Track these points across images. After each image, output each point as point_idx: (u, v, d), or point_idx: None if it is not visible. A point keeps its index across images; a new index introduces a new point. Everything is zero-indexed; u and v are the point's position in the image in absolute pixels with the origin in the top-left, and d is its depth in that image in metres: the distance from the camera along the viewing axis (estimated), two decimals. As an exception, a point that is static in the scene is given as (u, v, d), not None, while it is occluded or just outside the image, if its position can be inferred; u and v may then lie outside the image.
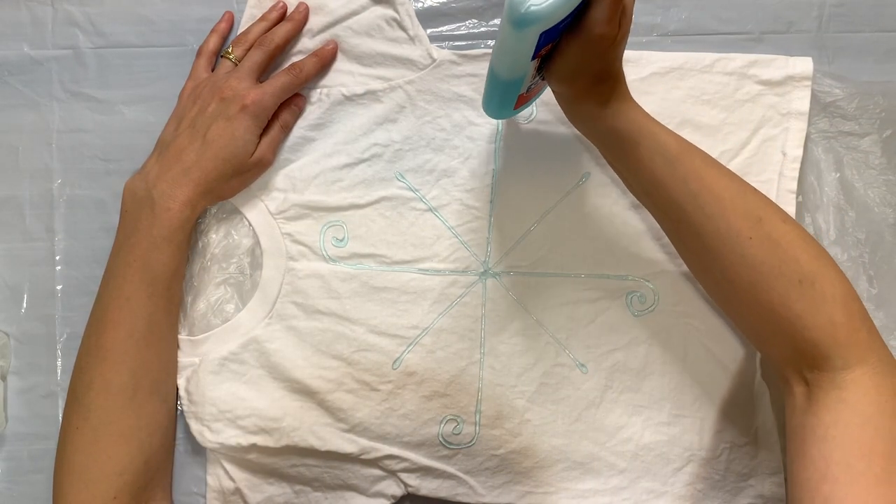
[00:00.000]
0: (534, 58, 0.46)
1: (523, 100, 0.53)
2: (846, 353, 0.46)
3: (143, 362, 0.56)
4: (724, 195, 0.49)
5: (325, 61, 0.62)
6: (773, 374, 0.62)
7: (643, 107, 0.61)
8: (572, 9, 0.42)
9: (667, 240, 0.61)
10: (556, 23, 0.42)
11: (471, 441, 0.61)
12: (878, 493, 0.42)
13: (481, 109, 0.55)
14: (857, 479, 0.43)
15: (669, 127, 0.61)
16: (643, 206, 0.56)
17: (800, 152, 0.62)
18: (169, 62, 0.64)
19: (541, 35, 0.43)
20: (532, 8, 0.40)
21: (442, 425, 0.61)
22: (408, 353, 0.62)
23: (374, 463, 0.61)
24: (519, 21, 0.41)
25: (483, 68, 0.62)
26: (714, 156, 0.61)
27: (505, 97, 0.51)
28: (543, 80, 0.53)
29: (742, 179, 0.51)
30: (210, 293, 0.62)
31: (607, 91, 0.49)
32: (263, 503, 0.61)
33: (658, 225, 0.55)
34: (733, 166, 0.62)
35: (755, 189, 0.51)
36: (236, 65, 0.60)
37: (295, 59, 0.62)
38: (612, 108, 0.50)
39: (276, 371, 0.61)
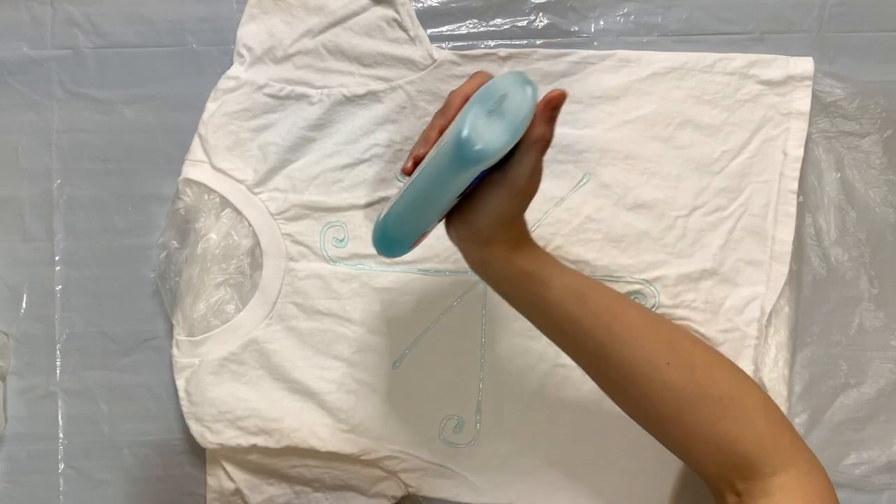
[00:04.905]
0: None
1: (419, 241, 0.49)
2: (773, 459, 0.47)
3: None
4: (636, 324, 0.49)
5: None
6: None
7: (645, 106, 0.62)
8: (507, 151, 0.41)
9: (668, 240, 0.62)
10: (492, 165, 0.42)
11: (471, 441, 0.61)
12: None
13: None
14: None
15: (671, 127, 0.62)
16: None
17: (801, 152, 0.61)
18: (169, 62, 0.64)
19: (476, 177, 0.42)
20: (482, 147, 0.40)
21: (442, 425, 0.61)
22: (408, 353, 0.62)
23: (374, 463, 0.61)
24: (470, 158, 0.40)
25: (483, 68, 0.62)
26: (715, 156, 0.62)
27: (416, 236, 0.48)
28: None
29: (648, 309, 0.52)
30: (210, 294, 0.62)
31: (517, 233, 0.48)
32: (264, 503, 0.61)
33: (658, 226, 0.54)
34: (734, 166, 0.62)
35: (661, 316, 0.52)
36: None
37: (296, 59, 0.62)
38: (522, 251, 0.48)
39: (277, 372, 0.61)
